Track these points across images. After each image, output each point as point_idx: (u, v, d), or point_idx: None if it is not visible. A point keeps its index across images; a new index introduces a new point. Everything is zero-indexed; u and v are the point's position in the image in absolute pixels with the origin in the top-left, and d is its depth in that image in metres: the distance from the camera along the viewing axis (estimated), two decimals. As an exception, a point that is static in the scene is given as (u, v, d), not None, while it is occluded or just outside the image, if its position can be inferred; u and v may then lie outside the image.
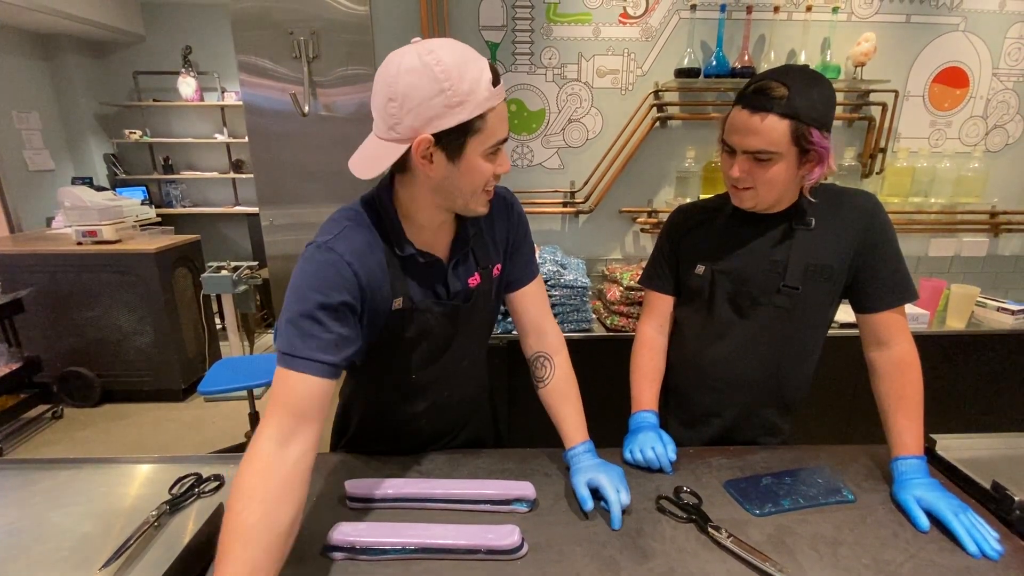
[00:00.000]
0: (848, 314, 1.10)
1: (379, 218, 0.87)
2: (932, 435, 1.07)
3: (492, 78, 0.76)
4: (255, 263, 3.25)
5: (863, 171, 2.25)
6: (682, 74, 2.06)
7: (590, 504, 0.89)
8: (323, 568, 0.79)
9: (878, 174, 2.25)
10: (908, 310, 2.00)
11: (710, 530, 0.84)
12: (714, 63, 2.04)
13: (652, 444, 1.02)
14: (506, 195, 1.02)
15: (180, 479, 0.94)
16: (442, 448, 1.10)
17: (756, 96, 0.90)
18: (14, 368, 2.85)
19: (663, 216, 2.26)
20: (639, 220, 2.28)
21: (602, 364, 1.57)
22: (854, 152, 2.22)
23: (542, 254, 2.03)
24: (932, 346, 2.02)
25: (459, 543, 0.80)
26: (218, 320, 3.68)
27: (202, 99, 4.74)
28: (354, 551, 0.80)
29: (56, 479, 0.96)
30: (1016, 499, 0.87)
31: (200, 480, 0.94)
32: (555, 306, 1.89)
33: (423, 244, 0.90)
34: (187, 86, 4.61)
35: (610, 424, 1.16)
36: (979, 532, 0.82)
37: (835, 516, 0.90)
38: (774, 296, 1.04)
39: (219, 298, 3.41)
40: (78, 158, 4.68)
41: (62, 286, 3.02)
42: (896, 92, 2.16)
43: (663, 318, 1.19)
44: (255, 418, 2.61)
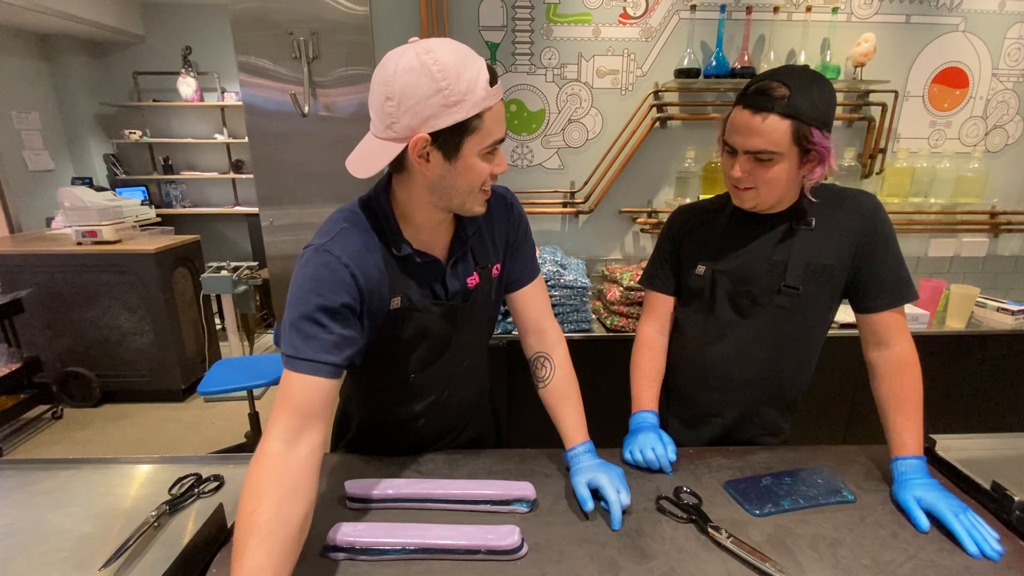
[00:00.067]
0: (848, 314, 1.10)
1: (376, 218, 0.88)
2: (932, 435, 1.07)
3: (489, 78, 0.76)
4: (255, 263, 3.25)
5: (863, 171, 2.25)
6: (682, 74, 2.06)
7: (590, 504, 0.89)
8: (323, 568, 0.79)
9: (878, 174, 2.26)
10: (908, 310, 2.00)
11: (710, 530, 0.84)
12: (714, 63, 2.04)
13: (652, 445, 1.02)
14: (506, 195, 1.02)
15: (180, 479, 0.94)
16: (443, 448, 1.10)
17: (757, 96, 0.91)
18: (14, 368, 2.85)
19: (663, 216, 2.26)
20: (639, 220, 2.28)
21: (602, 364, 1.57)
22: (854, 152, 2.22)
23: (542, 254, 2.03)
24: (932, 346, 2.02)
25: (459, 543, 0.80)
26: (218, 320, 3.68)
27: (202, 99, 4.74)
28: (354, 551, 0.80)
29: (56, 479, 0.96)
30: (1016, 499, 0.87)
31: (200, 480, 0.94)
32: (555, 306, 1.89)
33: (421, 244, 0.90)
34: (187, 86, 4.61)
35: (610, 424, 1.16)
36: (979, 532, 0.82)
37: (835, 516, 0.90)
38: (775, 296, 1.04)
39: (219, 298, 3.41)
40: (78, 158, 4.69)
41: (62, 286, 3.02)
42: (896, 92, 2.16)
43: (664, 318, 1.20)
44: (255, 418, 2.61)
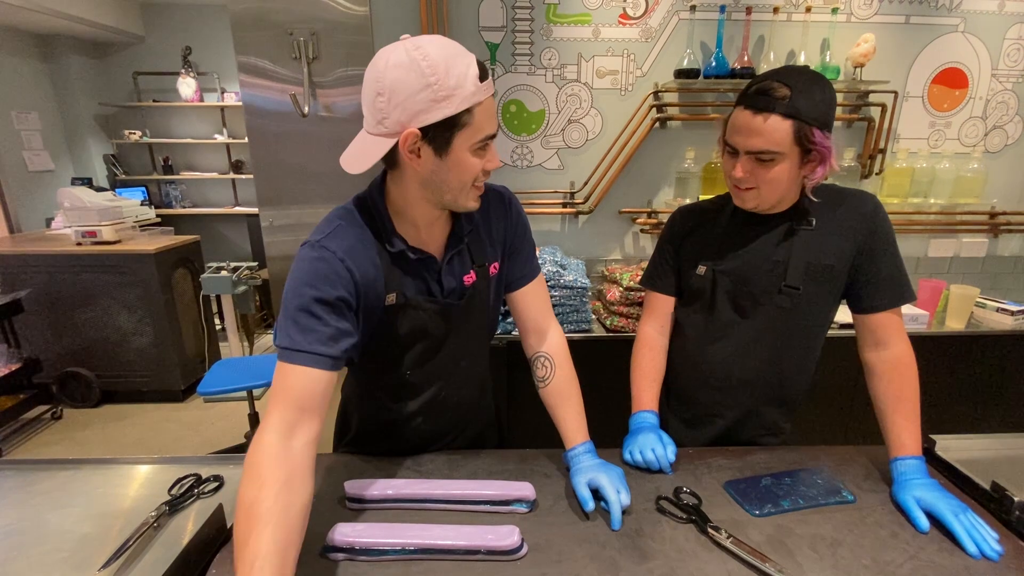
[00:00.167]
0: (847, 315, 1.10)
1: (371, 215, 0.88)
2: (932, 435, 1.07)
3: (479, 73, 0.77)
4: (255, 264, 3.25)
5: (862, 172, 2.25)
6: (682, 75, 2.06)
7: (591, 504, 0.89)
8: (323, 569, 0.78)
9: (877, 175, 2.26)
10: (908, 311, 2.00)
11: (710, 531, 0.84)
12: (714, 64, 2.04)
13: (652, 445, 1.02)
14: (505, 194, 1.02)
15: (179, 480, 0.94)
16: (444, 448, 1.10)
17: (758, 97, 0.91)
18: (13, 369, 2.85)
19: (663, 217, 2.26)
20: (639, 221, 2.28)
21: (602, 365, 1.57)
22: (853, 153, 2.22)
23: (542, 255, 2.03)
24: (932, 347, 2.02)
25: (459, 544, 0.80)
26: (218, 321, 3.68)
27: (202, 100, 4.74)
28: (354, 552, 0.80)
29: (55, 480, 0.96)
30: (1015, 499, 0.87)
31: (199, 481, 0.94)
32: (555, 307, 1.89)
33: (417, 241, 0.90)
34: (187, 87, 4.61)
35: (610, 424, 1.16)
36: (979, 532, 0.82)
37: (835, 517, 0.90)
38: (775, 296, 1.04)
39: (219, 299, 3.41)
40: (78, 159, 4.68)
41: (61, 287, 3.02)
42: (895, 93, 2.16)
43: (664, 319, 1.20)
44: (255, 419, 2.60)
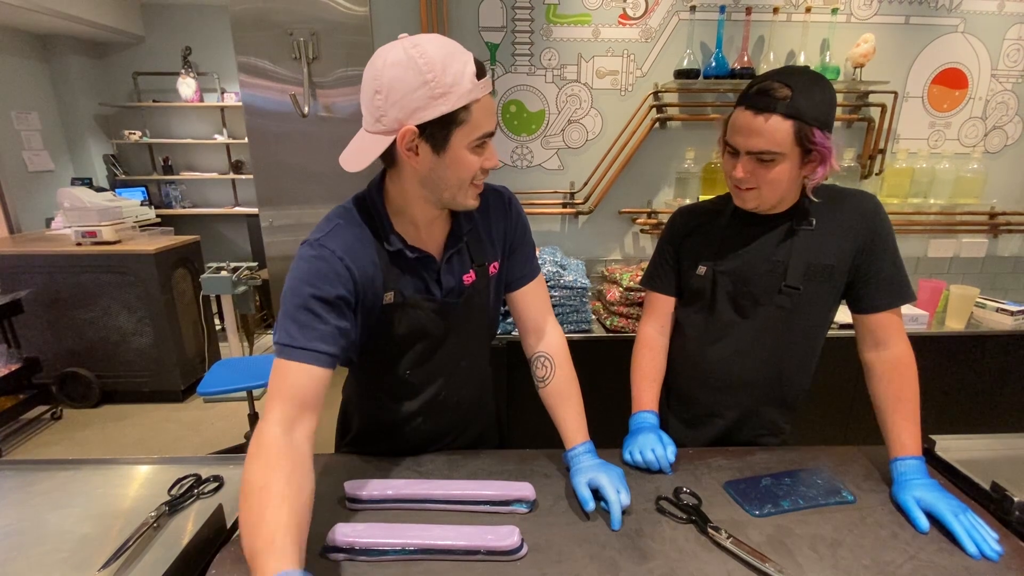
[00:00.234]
0: (847, 315, 1.10)
1: (369, 214, 0.89)
2: (932, 436, 1.07)
3: (476, 71, 0.77)
4: (254, 264, 3.25)
5: (862, 172, 2.25)
6: (681, 75, 2.06)
7: (592, 504, 0.89)
8: (322, 569, 0.78)
9: (877, 175, 2.26)
10: (907, 311, 2.00)
11: (710, 531, 0.84)
12: (713, 64, 2.04)
13: (652, 446, 1.02)
14: (504, 194, 1.02)
15: (179, 480, 0.94)
16: (444, 448, 1.10)
17: (759, 97, 0.91)
18: (13, 369, 2.85)
19: (663, 217, 2.26)
20: (639, 221, 2.28)
21: (602, 365, 1.57)
22: (853, 153, 2.23)
23: (542, 255, 2.03)
24: (931, 347, 2.02)
25: (459, 544, 0.80)
26: (217, 321, 3.68)
27: (202, 100, 4.74)
28: (353, 552, 0.80)
29: (55, 480, 0.96)
30: (1015, 500, 0.87)
31: (199, 481, 0.94)
32: (555, 307, 1.89)
33: (415, 240, 0.90)
34: (187, 87, 4.61)
35: (610, 425, 1.16)
36: (979, 533, 0.82)
37: (835, 517, 0.90)
38: (775, 296, 1.04)
39: (218, 299, 3.41)
40: (77, 159, 4.68)
41: (61, 287, 3.02)
42: (895, 93, 2.16)
43: (664, 319, 1.20)
44: (254, 419, 2.60)
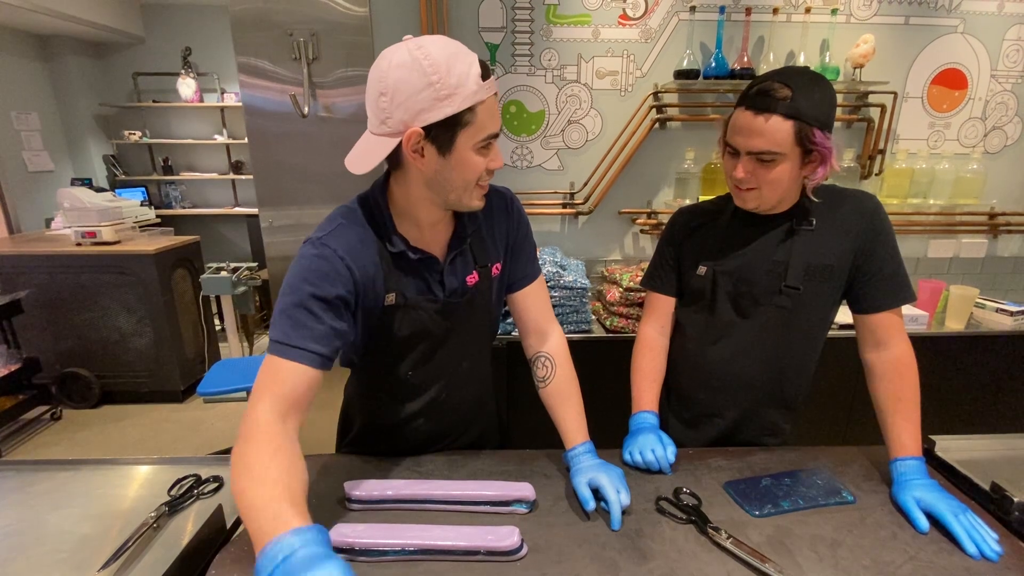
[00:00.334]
0: (848, 315, 1.10)
1: (372, 215, 0.88)
2: (931, 436, 1.07)
3: (481, 72, 0.77)
4: (254, 264, 3.25)
5: (862, 172, 2.25)
6: (681, 75, 2.06)
7: (592, 504, 0.89)
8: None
9: (877, 175, 2.26)
10: (907, 311, 2.00)
11: (709, 531, 0.84)
12: (713, 64, 2.04)
13: (652, 446, 1.02)
14: (507, 195, 1.02)
15: (179, 480, 0.94)
16: (445, 449, 1.10)
17: (759, 97, 0.91)
18: (13, 369, 2.85)
19: (663, 217, 2.26)
20: (638, 221, 2.28)
21: (601, 365, 1.57)
22: (853, 154, 2.23)
23: (541, 255, 2.03)
24: (931, 347, 2.02)
25: (459, 544, 0.80)
26: (217, 321, 3.68)
27: (202, 100, 4.74)
28: (353, 552, 0.80)
29: (55, 480, 0.96)
30: (1015, 500, 0.87)
31: (199, 481, 0.94)
32: (555, 307, 1.88)
33: (418, 241, 0.90)
34: (187, 87, 4.61)
35: (610, 425, 1.16)
36: (978, 533, 0.82)
37: (835, 517, 0.89)
38: (776, 296, 1.04)
39: (218, 299, 3.40)
40: (77, 159, 4.68)
41: (61, 287, 3.02)
42: (895, 94, 2.16)
43: (664, 319, 1.20)
44: (254, 419, 2.60)
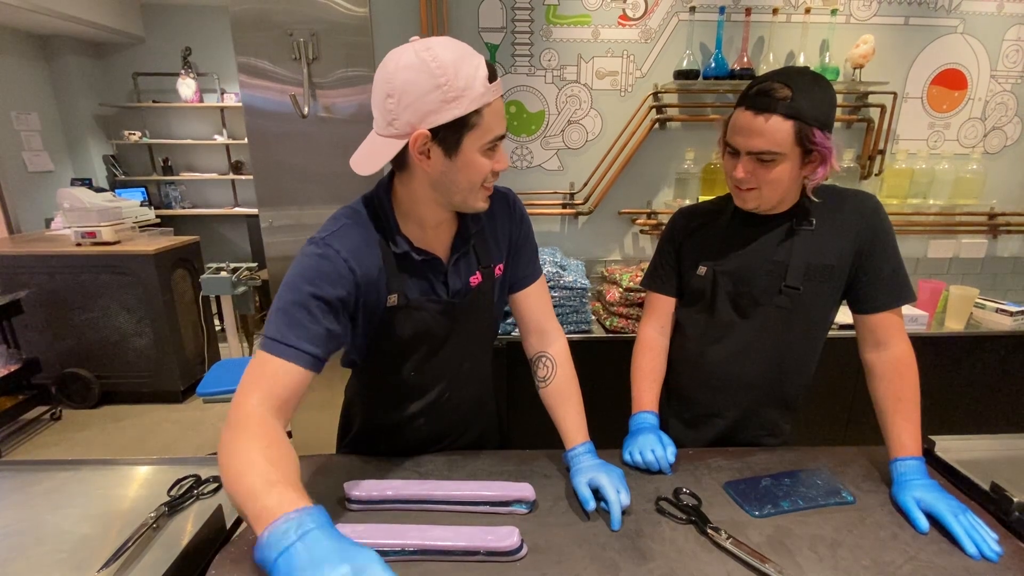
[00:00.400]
0: (847, 315, 1.10)
1: (377, 216, 0.88)
2: (931, 436, 1.07)
3: (488, 74, 0.77)
4: (254, 264, 3.24)
5: (862, 173, 2.25)
6: (681, 76, 2.06)
7: (592, 503, 0.89)
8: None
9: (877, 176, 2.26)
10: (907, 311, 2.00)
11: (709, 531, 0.84)
12: (713, 65, 2.04)
13: (652, 446, 1.02)
14: (509, 195, 1.02)
15: (179, 481, 0.94)
16: (445, 449, 1.10)
17: (759, 97, 0.91)
18: (12, 369, 2.85)
19: (662, 218, 2.26)
20: (638, 221, 2.28)
21: (601, 365, 1.57)
22: (853, 154, 2.23)
23: (541, 255, 2.03)
24: (931, 347, 2.02)
25: (458, 544, 0.79)
26: (217, 321, 3.67)
27: (202, 100, 4.74)
28: (353, 553, 0.79)
29: (54, 481, 0.96)
30: (1015, 500, 0.87)
31: (199, 482, 0.94)
32: (555, 307, 1.88)
33: (422, 242, 0.90)
34: (187, 87, 4.61)
35: (609, 425, 1.16)
36: (978, 533, 0.82)
37: (834, 517, 0.89)
38: (776, 296, 1.04)
39: (218, 299, 3.40)
40: (77, 159, 4.68)
41: (61, 287, 3.02)
42: (895, 94, 2.16)
43: (664, 319, 1.20)
44: (254, 419, 2.60)
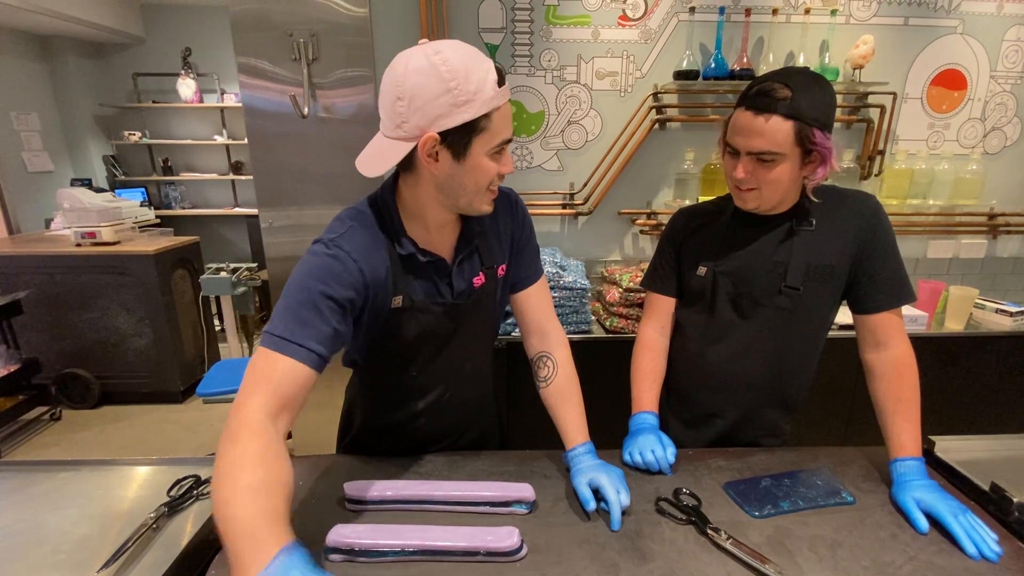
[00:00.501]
0: (847, 315, 1.10)
1: (382, 217, 0.88)
2: (931, 436, 1.07)
3: (497, 78, 0.77)
4: (254, 265, 3.24)
5: (861, 173, 2.25)
6: (681, 76, 2.06)
7: (593, 503, 0.89)
8: (322, 570, 0.78)
9: (876, 176, 2.26)
10: (907, 312, 2.00)
11: (709, 532, 0.84)
12: (713, 65, 2.04)
13: (652, 447, 1.02)
14: (511, 195, 1.03)
15: (178, 481, 0.94)
16: (445, 449, 1.10)
17: (759, 97, 0.91)
18: (12, 370, 2.84)
19: (662, 218, 2.26)
20: (638, 222, 2.28)
21: (601, 366, 1.57)
22: (853, 154, 2.23)
23: (541, 256, 2.03)
24: (931, 348, 2.02)
25: (458, 545, 0.79)
26: (217, 322, 3.67)
27: (202, 101, 4.74)
28: (352, 553, 0.80)
29: (54, 481, 0.96)
30: (1015, 501, 0.87)
31: (199, 482, 0.94)
32: (555, 307, 1.89)
33: (427, 244, 0.90)
34: (187, 88, 4.61)
35: (609, 426, 1.16)
36: (978, 534, 0.82)
37: (834, 518, 0.89)
38: (776, 297, 1.04)
39: (218, 300, 3.39)
40: (77, 159, 4.68)
41: (61, 288, 3.02)
42: (894, 94, 2.16)
43: (664, 320, 1.20)
44: (254, 420, 2.60)
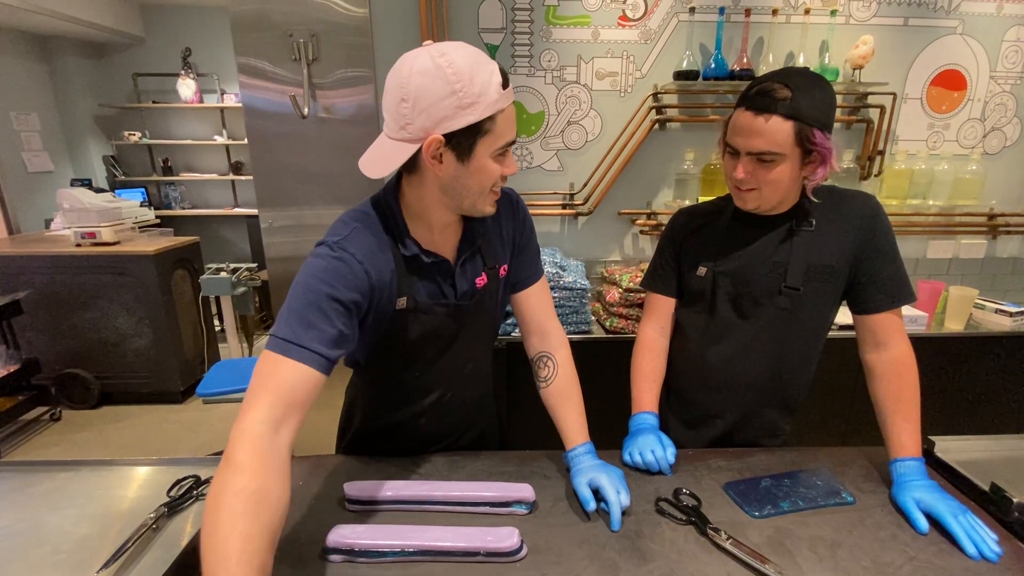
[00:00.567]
0: (847, 316, 1.10)
1: (385, 218, 0.88)
2: (931, 437, 1.07)
3: (502, 81, 0.77)
4: (254, 265, 3.24)
5: (861, 173, 2.25)
6: (681, 76, 2.06)
7: (593, 504, 0.89)
8: (321, 571, 0.78)
9: (876, 176, 2.26)
10: (906, 312, 2.00)
11: (709, 532, 0.84)
12: (713, 65, 2.04)
13: (652, 447, 1.02)
14: (512, 195, 1.03)
15: (178, 481, 0.94)
16: (445, 449, 1.10)
17: (759, 98, 0.91)
18: (12, 370, 2.85)
19: (662, 218, 2.26)
20: (638, 222, 2.28)
21: (601, 366, 1.57)
22: (852, 154, 2.23)
23: (541, 256, 2.03)
24: (931, 348, 2.02)
25: (458, 545, 0.80)
26: (217, 322, 3.67)
27: (201, 101, 4.74)
28: (353, 553, 0.80)
29: (54, 481, 0.96)
30: (1015, 501, 0.87)
31: (199, 482, 0.94)
32: (555, 308, 1.89)
33: (430, 244, 0.90)
34: (187, 88, 4.61)
35: (609, 426, 1.16)
36: (978, 534, 0.82)
37: (834, 518, 0.90)
38: (776, 297, 1.04)
39: (218, 300, 3.40)
40: (77, 160, 4.68)
41: (60, 288, 3.02)
42: (894, 95, 2.16)
43: (664, 320, 1.20)
44: (254, 420, 2.60)
